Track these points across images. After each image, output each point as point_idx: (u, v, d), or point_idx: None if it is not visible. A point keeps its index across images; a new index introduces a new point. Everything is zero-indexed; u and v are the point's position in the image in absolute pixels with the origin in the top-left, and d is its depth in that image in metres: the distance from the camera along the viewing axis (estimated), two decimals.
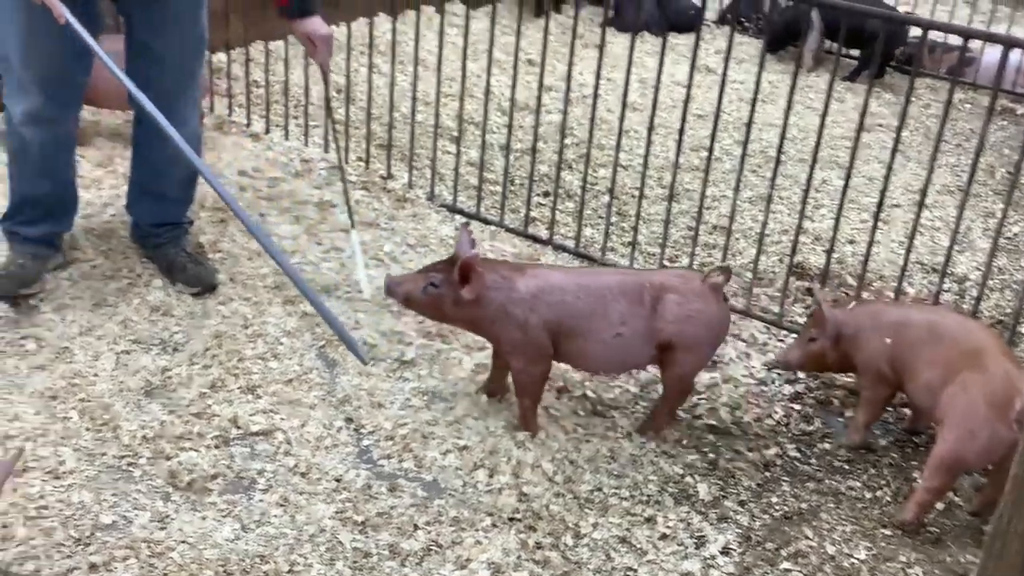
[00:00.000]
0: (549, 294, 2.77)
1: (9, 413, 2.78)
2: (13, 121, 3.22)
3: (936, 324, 2.83)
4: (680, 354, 2.80)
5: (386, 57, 5.42)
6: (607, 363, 2.91)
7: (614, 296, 2.78)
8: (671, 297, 2.77)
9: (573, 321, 2.78)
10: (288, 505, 2.58)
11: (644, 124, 5.09)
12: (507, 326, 2.77)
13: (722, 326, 2.88)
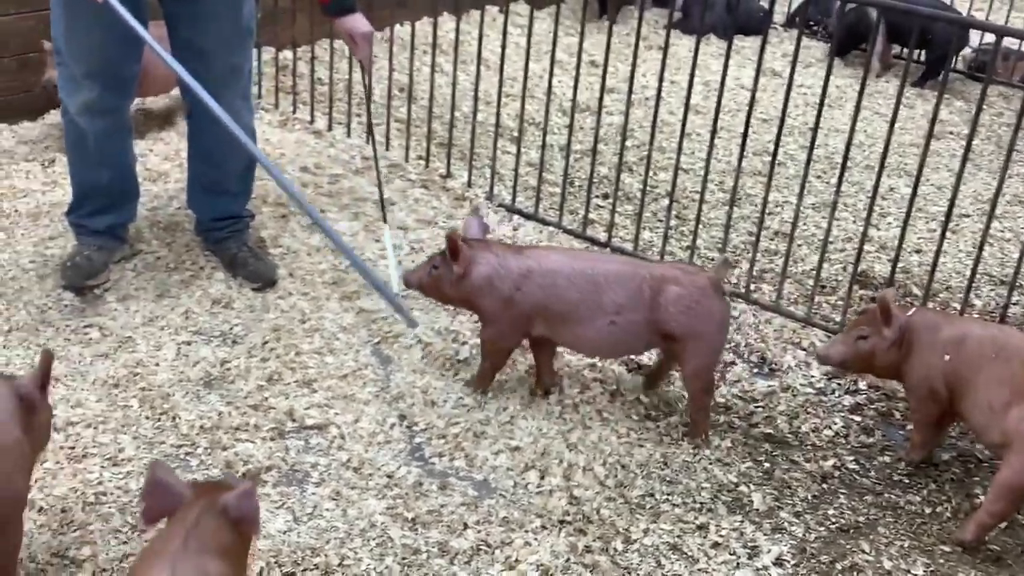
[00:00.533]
0: (541, 276, 2.84)
1: (72, 400, 2.84)
2: (69, 112, 3.28)
3: (1001, 341, 2.68)
4: (688, 345, 2.81)
5: (449, 56, 5.44)
6: (600, 349, 2.98)
7: (609, 284, 2.81)
8: (673, 289, 2.78)
9: (563, 305, 2.83)
10: (340, 499, 2.60)
11: (706, 127, 5.06)
12: (490, 298, 2.86)
13: (724, 320, 2.87)
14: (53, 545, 2.37)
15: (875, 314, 2.79)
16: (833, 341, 2.93)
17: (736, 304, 3.58)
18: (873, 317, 2.80)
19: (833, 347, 2.88)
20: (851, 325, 2.92)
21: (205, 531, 1.81)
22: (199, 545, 1.78)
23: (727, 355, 3.30)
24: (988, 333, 2.75)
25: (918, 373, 2.75)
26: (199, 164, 3.57)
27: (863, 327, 2.83)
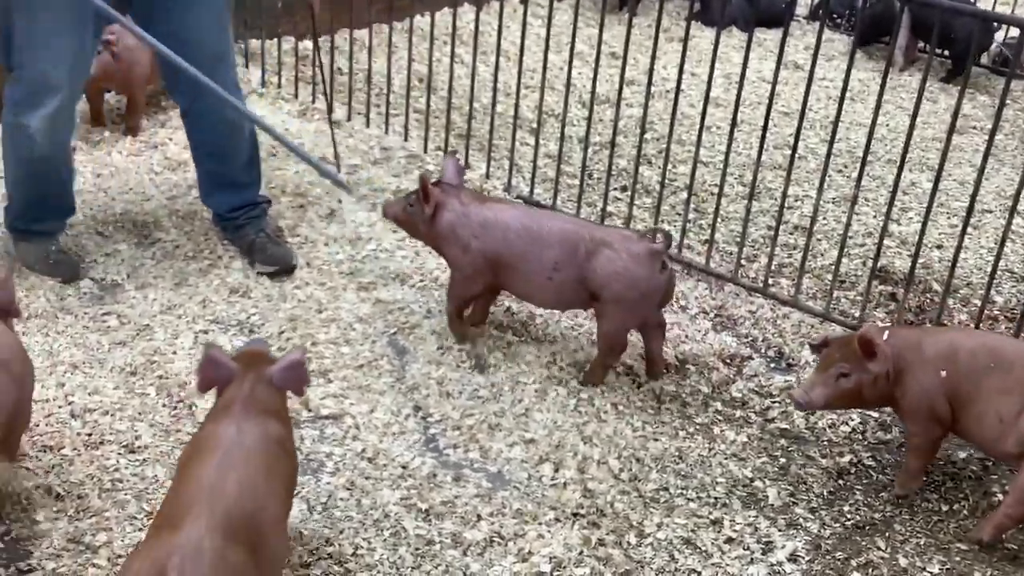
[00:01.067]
0: (494, 227, 3.04)
1: (90, 387, 2.86)
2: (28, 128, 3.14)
3: (995, 349, 2.57)
4: (605, 307, 2.95)
5: (468, 47, 5.43)
6: (541, 301, 3.15)
7: (551, 242, 2.98)
8: (605, 252, 2.91)
9: (510, 257, 3.03)
10: (354, 489, 2.61)
11: (726, 120, 5.01)
12: (452, 245, 3.08)
13: (650, 288, 2.92)
14: (69, 531, 2.39)
15: (851, 348, 2.60)
16: (811, 383, 2.66)
17: (754, 298, 3.56)
18: (848, 351, 2.61)
19: (813, 391, 2.64)
20: (824, 362, 2.66)
21: (259, 398, 2.14)
22: (256, 409, 2.10)
23: (744, 349, 3.29)
24: (977, 342, 2.64)
25: (916, 396, 2.61)
26: (205, 161, 3.58)
27: (841, 364, 2.61)
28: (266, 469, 2.02)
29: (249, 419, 2.07)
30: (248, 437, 2.04)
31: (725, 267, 3.73)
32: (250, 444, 2.03)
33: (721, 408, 3.03)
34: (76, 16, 3.06)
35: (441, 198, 3.07)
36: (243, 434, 2.04)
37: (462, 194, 3.12)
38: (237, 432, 2.03)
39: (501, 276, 3.09)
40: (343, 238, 3.73)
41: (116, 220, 3.74)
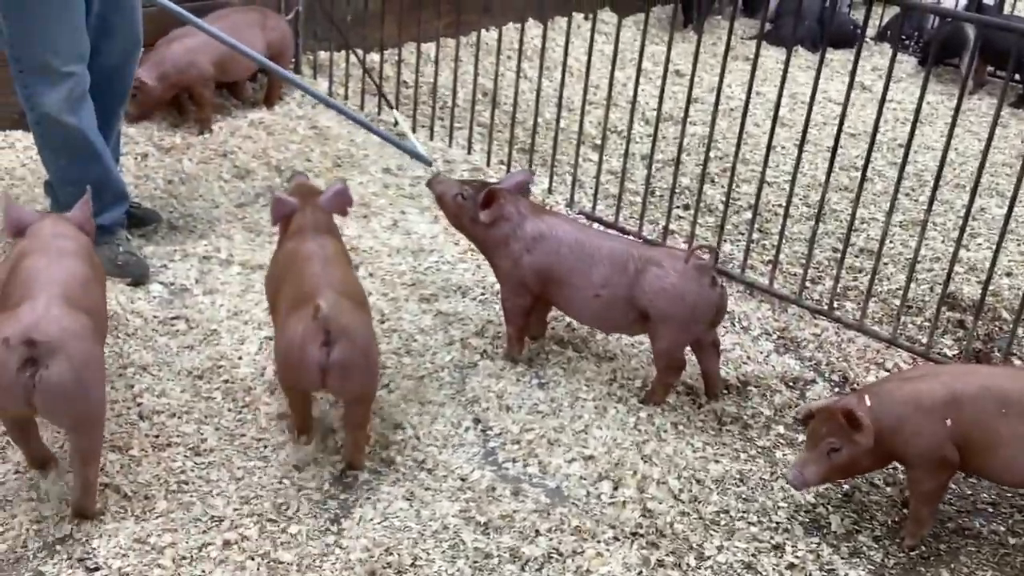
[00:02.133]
0: (547, 242, 3.04)
1: (157, 389, 2.92)
2: (49, 115, 3.21)
3: (999, 393, 2.47)
4: (656, 326, 2.95)
5: (534, 63, 5.46)
6: (588, 319, 3.14)
7: (601, 259, 2.99)
8: (652, 270, 2.92)
9: (561, 272, 3.03)
10: (414, 500, 2.62)
11: (791, 140, 4.99)
12: (503, 257, 3.10)
13: (700, 304, 2.91)
14: (136, 531, 2.43)
15: (836, 421, 2.48)
16: (803, 461, 2.55)
17: (818, 321, 3.52)
18: (834, 424, 2.49)
19: (806, 469, 2.53)
20: (812, 438, 2.54)
21: (316, 221, 2.85)
22: (315, 230, 2.83)
23: (807, 373, 3.25)
24: (978, 386, 2.52)
25: (924, 447, 2.51)
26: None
27: (830, 439, 2.50)
28: (347, 267, 2.84)
29: (320, 237, 2.79)
30: (328, 248, 2.77)
31: (788, 288, 3.69)
32: (330, 252, 2.76)
33: (783, 431, 2.99)
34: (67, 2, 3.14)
35: (501, 209, 3.07)
36: (324, 247, 2.76)
37: (521, 204, 3.11)
38: (319, 246, 2.75)
39: (550, 291, 3.09)
40: (406, 249, 3.76)
41: (186, 226, 3.82)
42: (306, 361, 2.50)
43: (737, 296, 3.64)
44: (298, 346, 2.50)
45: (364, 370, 2.58)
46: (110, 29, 3.35)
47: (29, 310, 2.34)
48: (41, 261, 2.54)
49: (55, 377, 2.28)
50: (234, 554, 2.40)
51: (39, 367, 2.27)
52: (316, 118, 4.74)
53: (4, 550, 2.36)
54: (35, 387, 2.28)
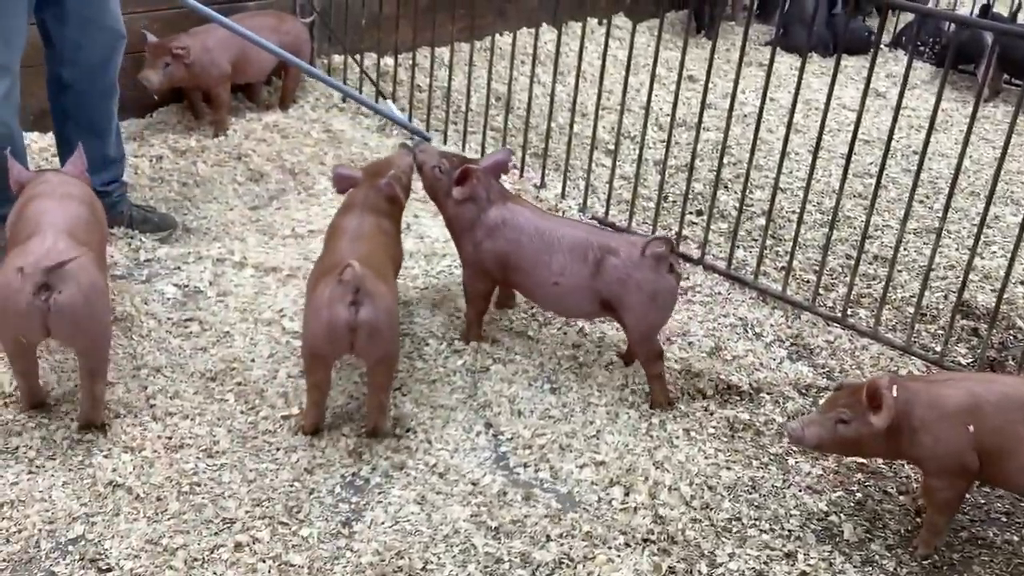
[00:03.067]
0: (509, 229, 3.08)
1: (171, 391, 2.92)
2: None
3: (1018, 399, 2.43)
4: (623, 315, 2.99)
5: (547, 67, 5.46)
6: (547, 305, 3.19)
7: (560, 248, 3.02)
8: (611, 259, 2.95)
9: (520, 259, 3.08)
10: (425, 503, 2.62)
11: (804, 146, 4.98)
12: (466, 240, 3.16)
13: (659, 293, 2.94)
14: (148, 532, 2.44)
15: (858, 395, 2.46)
16: (809, 420, 2.55)
17: (832, 328, 3.51)
18: (854, 399, 2.48)
19: (809, 428, 2.52)
20: (828, 403, 2.55)
21: (373, 201, 3.05)
22: (371, 209, 3.02)
23: (820, 380, 3.24)
24: (999, 392, 2.47)
25: (944, 453, 2.46)
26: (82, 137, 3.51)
27: (843, 409, 2.49)
28: (380, 246, 2.94)
29: (365, 214, 2.99)
30: (366, 225, 2.96)
31: (802, 295, 3.68)
32: (367, 229, 2.94)
33: None
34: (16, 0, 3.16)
35: (473, 189, 3.11)
36: (362, 224, 2.96)
37: (492, 189, 3.15)
38: (359, 222, 2.96)
39: (510, 277, 3.15)
40: (418, 253, 3.76)
41: (200, 228, 3.83)
42: (335, 321, 2.61)
43: (750, 303, 3.63)
44: (327, 307, 2.62)
45: (389, 331, 2.70)
46: (86, 24, 3.38)
47: (39, 243, 2.60)
48: (46, 204, 2.80)
49: (67, 300, 2.53)
50: (245, 556, 2.40)
51: (52, 292, 2.51)
52: (330, 121, 4.75)
53: (17, 551, 2.37)
54: (50, 310, 2.52)
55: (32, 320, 2.54)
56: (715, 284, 3.74)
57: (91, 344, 2.66)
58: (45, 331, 2.58)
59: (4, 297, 2.55)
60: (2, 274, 2.59)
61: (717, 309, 3.59)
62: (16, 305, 2.53)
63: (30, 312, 2.53)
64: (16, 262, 2.56)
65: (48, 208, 2.78)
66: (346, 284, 2.60)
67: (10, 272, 2.55)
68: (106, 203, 3.62)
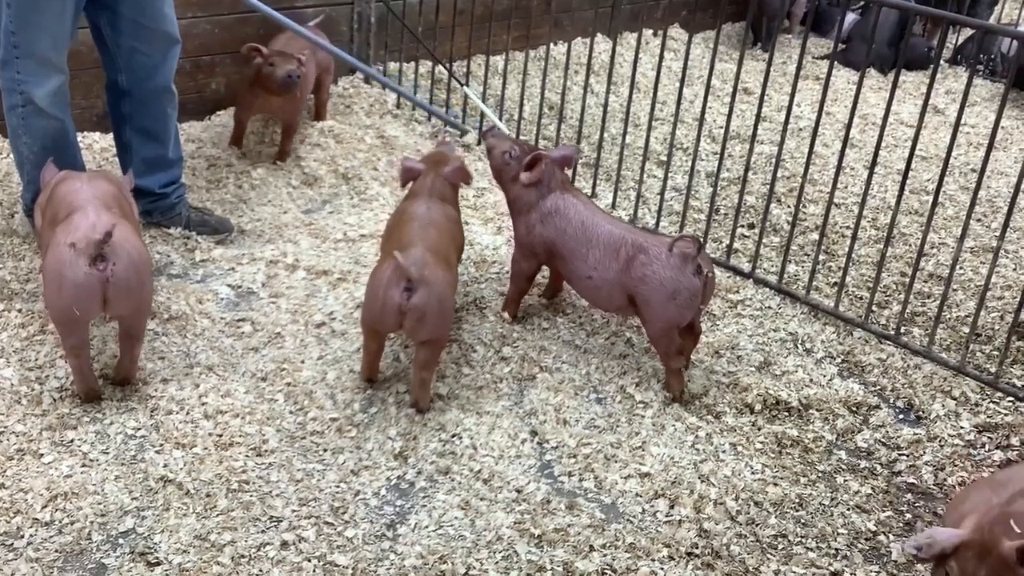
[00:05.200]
0: (559, 218, 3.24)
1: (222, 389, 2.97)
2: (37, 105, 3.30)
3: None
4: (641, 311, 3.10)
5: (601, 78, 5.46)
6: (584, 296, 3.32)
7: (598, 243, 3.16)
8: (639, 257, 3.06)
9: (563, 249, 3.24)
10: (469, 509, 2.63)
11: (860, 161, 4.93)
12: (521, 222, 3.34)
13: (680, 292, 3.00)
14: (196, 528, 2.47)
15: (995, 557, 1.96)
16: None
17: (884, 346, 3.46)
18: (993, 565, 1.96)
19: None
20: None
21: (437, 188, 3.24)
22: (435, 195, 3.22)
23: (871, 398, 3.20)
24: None
25: None
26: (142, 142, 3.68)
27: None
28: (446, 231, 3.13)
29: (432, 202, 3.17)
30: (434, 212, 3.13)
31: (854, 312, 3.64)
32: (435, 216, 3.12)
33: (845, 457, 2.95)
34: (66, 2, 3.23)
35: (541, 175, 3.27)
36: (430, 210, 3.13)
37: (554, 178, 3.30)
38: (427, 209, 3.12)
39: (554, 263, 3.32)
40: (468, 260, 3.78)
41: (255, 231, 3.89)
42: (388, 303, 2.82)
43: (801, 318, 3.60)
44: (383, 288, 2.83)
45: (438, 317, 2.86)
46: (140, 30, 3.45)
47: (82, 218, 2.69)
48: (76, 183, 2.90)
49: (122, 271, 2.65)
50: (291, 555, 2.43)
51: (108, 263, 2.63)
52: (384, 128, 4.80)
53: (69, 542, 2.42)
54: (108, 282, 2.63)
55: (91, 293, 2.64)
56: (765, 298, 3.71)
57: (138, 311, 2.81)
58: (102, 303, 2.67)
59: (59, 273, 2.63)
60: (54, 251, 2.66)
61: (767, 323, 3.56)
62: (73, 279, 2.61)
63: (88, 285, 2.62)
64: (66, 238, 2.63)
65: (80, 187, 2.87)
66: (402, 270, 2.77)
67: (62, 248, 2.63)
68: (164, 204, 3.71)
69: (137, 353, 2.90)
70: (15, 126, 3.40)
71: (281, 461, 2.73)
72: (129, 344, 2.87)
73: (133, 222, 2.95)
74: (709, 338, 3.42)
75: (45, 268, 2.72)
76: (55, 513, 2.48)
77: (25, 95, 3.31)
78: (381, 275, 2.87)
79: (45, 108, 3.33)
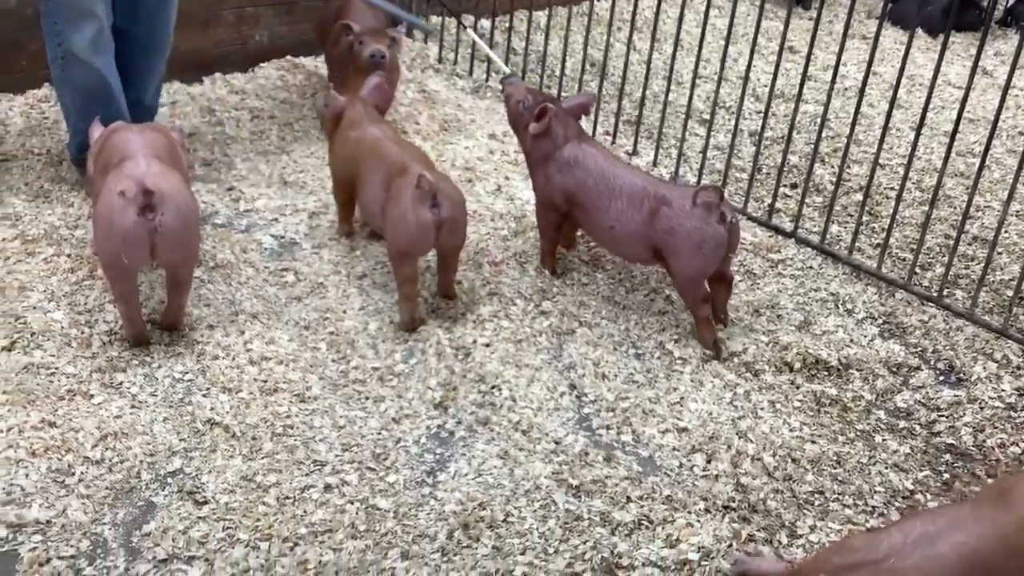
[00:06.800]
0: (578, 168, 3.25)
1: (267, 337, 3.02)
2: (76, 55, 3.30)
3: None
4: (669, 262, 3.12)
5: (644, 35, 5.41)
6: (606, 246, 3.37)
7: (620, 194, 3.17)
8: (663, 210, 3.07)
9: (584, 200, 3.24)
10: (507, 459, 2.66)
11: (906, 122, 4.86)
12: (539, 173, 3.35)
13: (706, 241, 3.03)
14: (243, 469, 2.53)
15: None
16: None
17: (927, 308, 3.44)
18: None
19: None
20: None
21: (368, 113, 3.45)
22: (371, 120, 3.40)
23: (912, 359, 3.18)
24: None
25: None
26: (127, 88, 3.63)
27: None
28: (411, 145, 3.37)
29: (379, 124, 3.35)
30: (388, 130, 3.33)
31: (897, 273, 3.62)
32: (394, 131, 3.33)
33: (884, 417, 2.95)
34: None
35: (548, 125, 3.28)
36: (386, 128, 3.34)
37: (569, 128, 3.31)
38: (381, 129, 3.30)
39: (575, 213, 3.32)
40: (508, 215, 3.79)
41: (297, 182, 3.92)
42: (423, 222, 2.97)
43: (843, 278, 3.58)
44: (413, 211, 2.97)
45: (465, 223, 3.10)
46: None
47: (134, 166, 2.72)
48: (128, 134, 2.95)
49: (171, 220, 2.69)
50: (334, 498, 2.48)
51: (157, 213, 2.66)
52: (425, 82, 4.80)
53: (119, 479, 2.48)
54: (156, 231, 2.67)
55: (139, 241, 2.68)
56: (807, 258, 3.69)
57: (185, 260, 2.86)
58: (150, 252, 2.71)
59: (109, 220, 2.67)
60: (105, 198, 2.71)
61: (808, 283, 3.54)
62: (122, 227, 2.66)
63: (136, 233, 2.67)
64: (117, 186, 2.67)
65: (132, 137, 2.92)
66: (425, 191, 2.93)
67: (112, 196, 2.67)
68: None
69: (184, 300, 2.95)
70: (57, 76, 3.43)
71: (324, 408, 2.77)
72: (176, 291, 2.92)
73: (183, 172, 2.98)
74: (749, 297, 3.41)
75: (95, 215, 2.76)
76: (105, 452, 2.55)
77: (64, 46, 3.32)
78: (404, 200, 2.98)
79: (83, 58, 3.33)
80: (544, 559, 2.37)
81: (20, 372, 2.76)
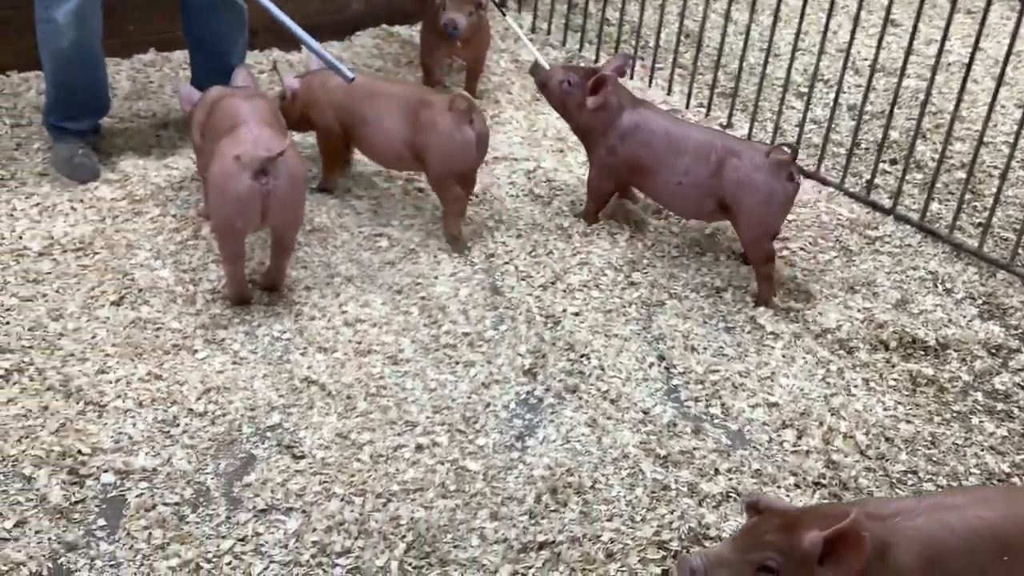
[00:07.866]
0: (642, 132, 3.26)
1: (361, 300, 3.08)
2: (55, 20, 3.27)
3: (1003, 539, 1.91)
4: (738, 216, 3.13)
5: (741, 5, 5.32)
6: (670, 205, 3.37)
7: (687, 149, 3.19)
8: (732, 161, 3.09)
9: (649, 161, 3.26)
10: (595, 427, 2.68)
11: (1012, 100, 4.70)
12: (599, 145, 3.34)
13: (776, 197, 3.06)
14: (338, 427, 2.60)
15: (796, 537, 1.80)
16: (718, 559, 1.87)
17: None
18: (791, 541, 1.80)
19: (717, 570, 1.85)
20: (748, 538, 1.87)
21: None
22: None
23: (1012, 341, 3.10)
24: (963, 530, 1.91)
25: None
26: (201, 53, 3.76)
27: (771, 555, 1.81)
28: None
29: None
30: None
31: (998, 253, 3.52)
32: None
33: (981, 399, 2.88)
34: None
35: (608, 98, 3.27)
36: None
37: (622, 95, 3.32)
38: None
39: (636, 178, 3.37)
40: None
41: None
42: (468, 140, 3.19)
43: (942, 257, 3.50)
44: (457, 131, 3.18)
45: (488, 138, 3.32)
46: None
47: (247, 131, 2.79)
48: (236, 100, 3.00)
49: (284, 185, 2.77)
50: (425, 457, 2.53)
51: (270, 178, 2.72)
52: (518, 52, 4.80)
53: (221, 431, 2.57)
54: (269, 195, 2.74)
55: (252, 205, 2.76)
56: (906, 236, 3.61)
57: (292, 224, 2.95)
58: (262, 215, 2.78)
59: (223, 184, 2.75)
60: (219, 163, 2.78)
61: (906, 261, 3.47)
62: (237, 191, 2.73)
63: (251, 198, 2.74)
64: (232, 151, 2.74)
65: (241, 104, 2.97)
66: (463, 112, 3.16)
67: (227, 160, 2.74)
68: None
69: (286, 263, 3.03)
70: (39, 38, 3.40)
71: (416, 370, 2.83)
72: (280, 254, 2.99)
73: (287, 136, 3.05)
74: (844, 273, 3.36)
75: (210, 179, 2.85)
76: (208, 405, 2.64)
77: (49, 11, 3.31)
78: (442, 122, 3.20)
79: (64, 26, 3.30)
80: (631, 526, 2.39)
81: (128, 326, 2.87)
